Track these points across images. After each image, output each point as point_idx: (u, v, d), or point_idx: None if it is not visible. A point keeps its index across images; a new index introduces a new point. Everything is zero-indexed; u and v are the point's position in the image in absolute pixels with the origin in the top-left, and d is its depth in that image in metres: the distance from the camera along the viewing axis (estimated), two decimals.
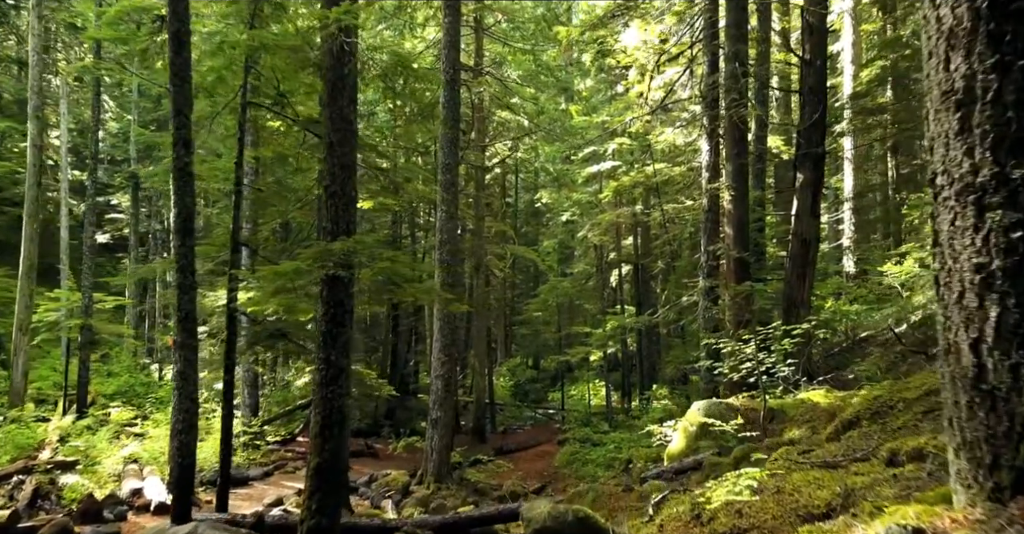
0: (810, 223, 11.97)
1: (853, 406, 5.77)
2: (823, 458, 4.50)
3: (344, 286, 6.73)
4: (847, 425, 5.57)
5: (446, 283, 14.16)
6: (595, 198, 24.88)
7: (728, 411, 8.34)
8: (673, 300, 20.75)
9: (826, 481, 3.52)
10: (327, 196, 6.91)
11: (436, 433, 14.02)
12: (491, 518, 8.02)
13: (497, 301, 35.55)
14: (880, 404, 5.46)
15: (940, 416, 4.97)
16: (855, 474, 3.55)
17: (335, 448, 6.60)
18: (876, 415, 5.38)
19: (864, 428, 5.25)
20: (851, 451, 4.47)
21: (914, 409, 5.04)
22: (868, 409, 5.52)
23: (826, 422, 7.35)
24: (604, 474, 15.06)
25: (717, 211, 13.46)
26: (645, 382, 24.96)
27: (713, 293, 12.82)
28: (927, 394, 5.14)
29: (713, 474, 6.79)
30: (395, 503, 12.81)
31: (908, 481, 3.14)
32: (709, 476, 6.87)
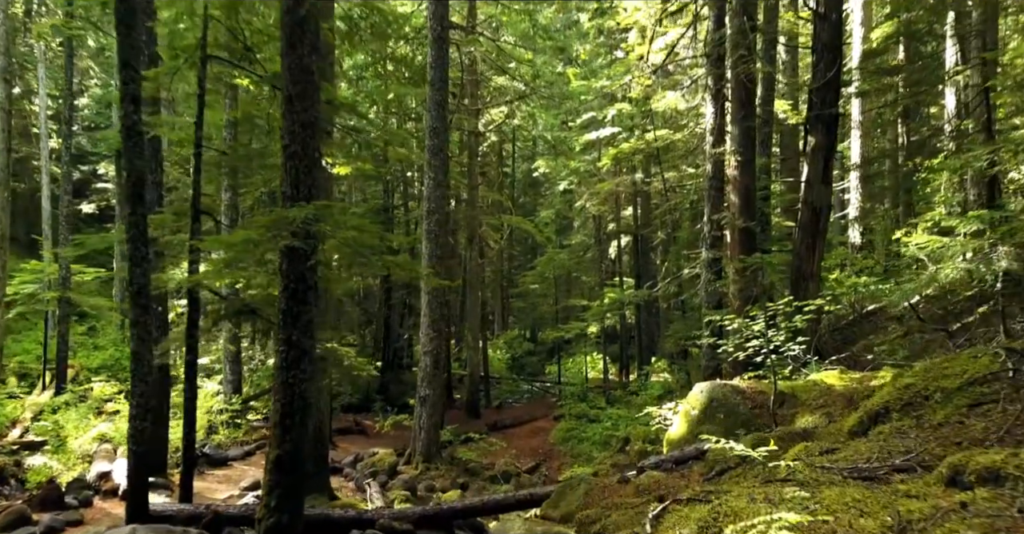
0: (821, 190, 11.17)
1: (881, 395, 5.06)
2: (854, 461, 3.79)
3: (306, 258, 5.99)
4: (874, 417, 4.87)
5: (434, 255, 13.43)
6: (594, 167, 23.99)
7: (733, 394, 7.66)
8: (674, 272, 20.04)
9: (869, 504, 2.81)
10: (286, 157, 6.12)
11: (424, 411, 13.42)
12: (475, 510, 7.39)
13: (494, 273, 34.90)
14: (913, 393, 4.75)
15: (991, 412, 4.27)
16: (906, 496, 2.84)
17: (297, 438, 5.92)
18: (909, 407, 4.67)
19: (895, 422, 4.54)
20: (886, 454, 3.77)
21: (955, 401, 4.33)
22: (899, 399, 4.81)
23: (843, 408, 6.67)
24: (600, 453, 14.51)
25: (721, 178, 12.65)
26: (644, 355, 24.36)
27: (716, 265, 12.09)
28: (970, 383, 4.42)
29: (718, 467, 6.12)
30: (381, 485, 12.22)
31: (987, 516, 2.44)
32: (713, 468, 6.21)
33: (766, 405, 7.46)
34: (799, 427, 6.46)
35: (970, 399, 4.26)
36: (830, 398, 7.06)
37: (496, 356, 30.59)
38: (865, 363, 10.21)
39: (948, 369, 4.81)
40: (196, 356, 8.12)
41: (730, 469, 6.03)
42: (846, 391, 7.09)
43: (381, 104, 23.27)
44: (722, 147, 12.20)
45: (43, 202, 24.23)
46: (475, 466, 13.99)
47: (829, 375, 7.88)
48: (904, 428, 4.31)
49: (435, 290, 13.34)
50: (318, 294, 6.27)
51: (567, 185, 26.79)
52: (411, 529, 7.17)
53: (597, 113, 22.78)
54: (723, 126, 12.33)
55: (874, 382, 7.07)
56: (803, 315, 7.72)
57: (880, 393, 5.19)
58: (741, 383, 7.91)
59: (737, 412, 7.45)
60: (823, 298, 7.84)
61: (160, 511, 7.47)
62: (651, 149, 19.52)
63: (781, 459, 4.77)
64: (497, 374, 28.37)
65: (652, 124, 20.00)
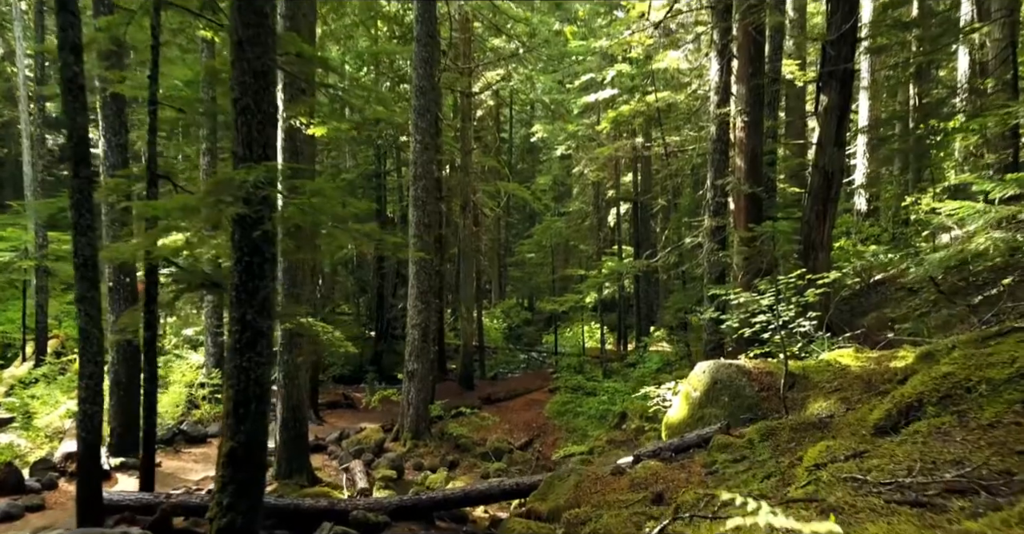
0: (834, 153, 10.39)
1: (913, 384, 4.41)
2: (891, 473, 3.14)
3: (260, 228, 5.29)
4: (905, 411, 4.22)
5: (422, 223, 12.72)
6: (592, 131, 23.11)
7: (739, 375, 7.02)
8: (674, 241, 19.33)
9: None
10: (237, 112, 5.38)
11: (413, 386, 12.85)
12: (456, 500, 6.82)
13: (491, 242, 34.16)
14: (952, 384, 4.10)
15: None
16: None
17: (253, 429, 5.29)
18: (948, 400, 4.02)
19: (932, 419, 3.89)
20: (931, 464, 3.12)
21: (1006, 396, 3.68)
22: (935, 390, 4.16)
23: (860, 392, 6.04)
24: (596, 430, 13.99)
25: (726, 141, 11.86)
26: (643, 325, 23.80)
27: (720, 234, 11.38)
28: (1022, 374, 3.76)
29: (722, 456, 5.50)
30: (366, 463, 11.71)
31: None
32: (717, 459, 5.59)
33: (774, 387, 6.84)
34: (812, 414, 5.83)
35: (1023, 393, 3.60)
36: (845, 381, 6.43)
37: (493, 326, 30.05)
38: (877, 338, 9.59)
39: (993, 356, 4.14)
40: (155, 333, 7.46)
41: (736, 461, 5.42)
42: (863, 373, 6.45)
43: (371, 65, 22.32)
44: (727, 107, 11.40)
45: (25, 168, 23.42)
46: (466, 442, 13.48)
47: (843, 354, 7.24)
48: (945, 428, 3.66)
49: (423, 260, 12.66)
50: (275, 267, 5.58)
51: (565, 150, 25.90)
52: (387, 521, 6.61)
53: (596, 74, 21.81)
54: (728, 85, 11.50)
55: (894, 363, 6.43)
56: (816, 289, 7.05)
57: (912, 382, 4.53)
58: (747, 363, 7.27)
59: (743, 395, 6.83)
60: (838, 270, 7.15)
61: (117, 500, 6.91)
62: (652, 112, 18.65)
63: (800, 463, 4.13)
64: (493, 344, 27.85)
65: (653, 85, 19.09)
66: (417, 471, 11.89)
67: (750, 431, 5.64)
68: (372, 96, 8.68)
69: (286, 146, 9.67)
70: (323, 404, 16.24)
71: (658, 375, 14.81)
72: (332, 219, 5.44)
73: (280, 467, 9.84)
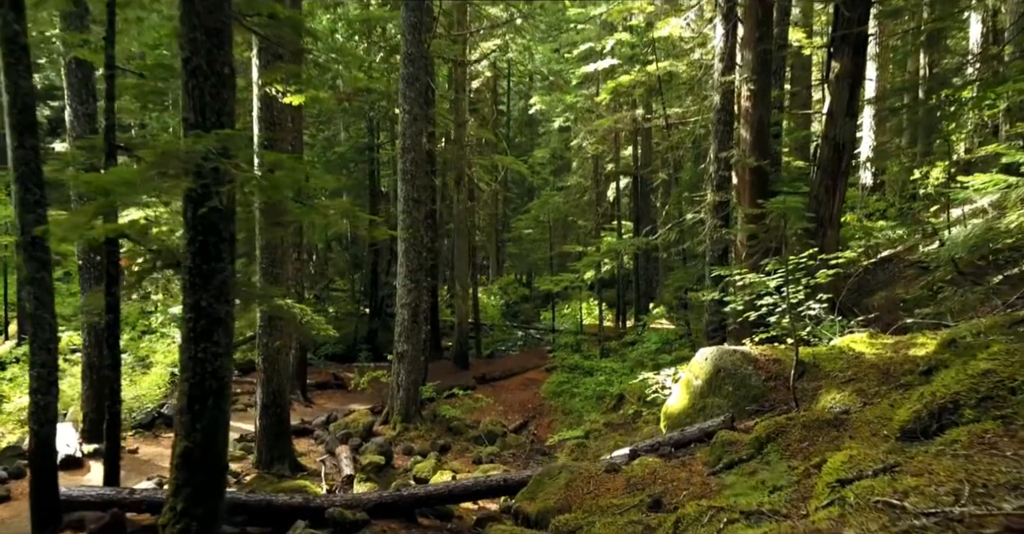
0: (845, 124, 9.81)
1: (945, 382, 3.89)
2: (934, 498, 2.63)
3: (218, 205, 4.75)
4: (937, 412, 3.71)
5: (411, 198, 12.13)
6: (591, 102, 22.38)
7: (744, 363, 6.52)
8: (675, 217, 18.76)
9: None
10: (187, 74, 4.80)
11: (403, 368, 12.38)
12: (439, 496, 6.36)
13: (488, 217, 33.54)
14: (993, 384, 3.59)
15: None
16: None
17: (211, 426, 4.80)
18: (989, 402, 3.52)
19: (972, 425, 3.38)
20: (981, 487, 2.61)
21: None
22: (973, 390, 3.65)
23: (878, 383, 5.54)
24: (593, 412, 13.56)
25: (731, 111, 11.23)
26: (642, 302, 23.31)
27: (723, 210, 10.81)
28: None
29: (726, 458, 5.02)
30: (354, 448, 11.27)
31: None
32: (721, 459, 5.10)
33: (782, 377, 6.34)
34: (826, 408, 5.34)
35: None
36: (860, 370, 5.93)
37: (490, 303, 29.58)
38: (889, 320, 9.10)
39: None
40: (118, 315, 6.93)
41: (741, 462, 4.94)
42: (879, 361, 5.95)
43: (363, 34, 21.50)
44: (732, 75, 10.76)
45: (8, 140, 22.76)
46: (458, 425, 13.05)
47: (856, 339, 6.73)
48: (990, 437, 3.15)
49: (412, 237, 12.11)
50: (234, 247, 5.04)
51: (563, 122, 25.20)
52: (366, 519, 6.15)
53: (595, 44, 21.04)
54: (734, 51, 10.84)
55: (913, 351, 5.92)
56: (828, 270, 6.52)
57: (942, 378, 4.02)
58: (753, 349, 6.76)
59: (748, 384, 6.33)
60: (852, 250, 6.60)
61: (76, 497, 6.45)
62: (652, 82, 17.95)
63: (817, 472, 3.63)
64: (490, 321, 27.41)
65: (654, 54, 18.36)
66: (407, 456, 11.47)
67: (757, 428, 5.14)
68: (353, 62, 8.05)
69: (262, 116, 9.07)
70: (312, 385, 15.81)
71: (657, 355, 14.36)
72: (297, 194, 4.88)
73: (260, 455, 9.41)
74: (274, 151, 8.78)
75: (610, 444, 11.10)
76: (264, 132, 9.01)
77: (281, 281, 9.19)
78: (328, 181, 5.43)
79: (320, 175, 24.47)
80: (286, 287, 9.46)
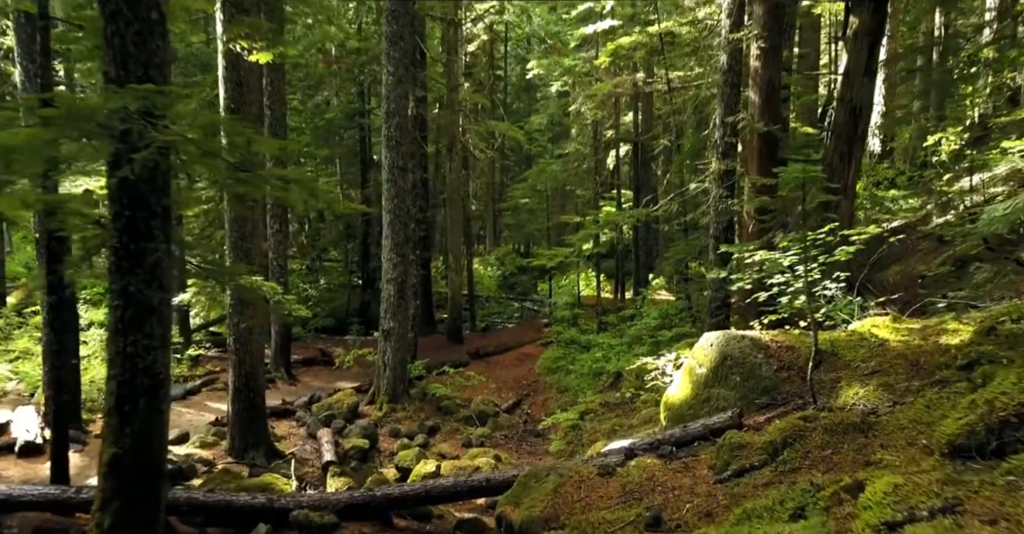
0: (863, 85, 9.03)
1: (1004, 388, 3.24)
2: None
3: (148, 175, 4.06)
4: (998, 427, 3.07)
5: (395, 166, 11.39)
6: (590, 66, 21.43)
7: (753, 350, 5.88)
8: (676, 185, 18.00)
9: None
10: (105, 19, 4.07)
11: (389, 346, 11.78)
12: (416, 497, 5.77)
13: (484, 185, 32.71)
14: None
15: None
16: None
17: (143, 430, 4.18)
18: None
19: None
20: None
21: None
22: None
23: (907, 375, 4.91)
24: (589, 391, 13.01)
25: (738, 72, 10.41)
26: (641, 273, 22.68)
27: (729, 179, 10.07)
28: None
29: (736, 464, 4.40)
30: (337, 431, 10.73)
31: None
32: (729, 464, 4.49)
33: (796, 366, 5.71)
34: (848, 405, 4.71)
35: None
36: (885, 359, 5.29)
37: (487, 273, 28.95)
38: (906, 298, 8.46)
39: None
40: (64, 295, 6.29)
41: (753, 469, 4.33)
42: (906, 349, 5.31)
43: None
44: (741, 32, 9.93)
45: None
46: (449, 404, 12.51)
47: (878, 323, 6.08)
48: None
49: (398, 208, 11.40)
50: (170, 223, 4.35)
51: (561, 86, 24.26)
52: (335, 522, 5.58)
53: (595, 3, 20.06)
54: (743, 5, 10.00)
55: (945, 338, 5.28)
56: (849, 246, 5.83)
57: (1001, 382, 3.37)
58: (763, 335, 6.11)
59: (758, 374, 5.70)
60: (877, 224, 5.89)
61: (17, 496, 5.85)
62: (654, 44, 17.03)
63: (851, 499, 3.00)
64: (487, 293, 26.80)
65: (656, 14, 17.41)
66: (393, 438, 10.94)
67: (771, 429, 4.52)
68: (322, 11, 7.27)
69: (228, 76, 8.29)
70: (298, 361, 15.24)
71: (656, 332, 13.75)
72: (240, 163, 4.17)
73: (233, 442, 8.84)
74: (240, 115, 8.04)
75: (606, 427, 10.56)
76: (231, 93, 8.24)
77: (253, 256, 8.51)
78: (273, 145, 4.83)
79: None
80: (259, 262, 8.78)
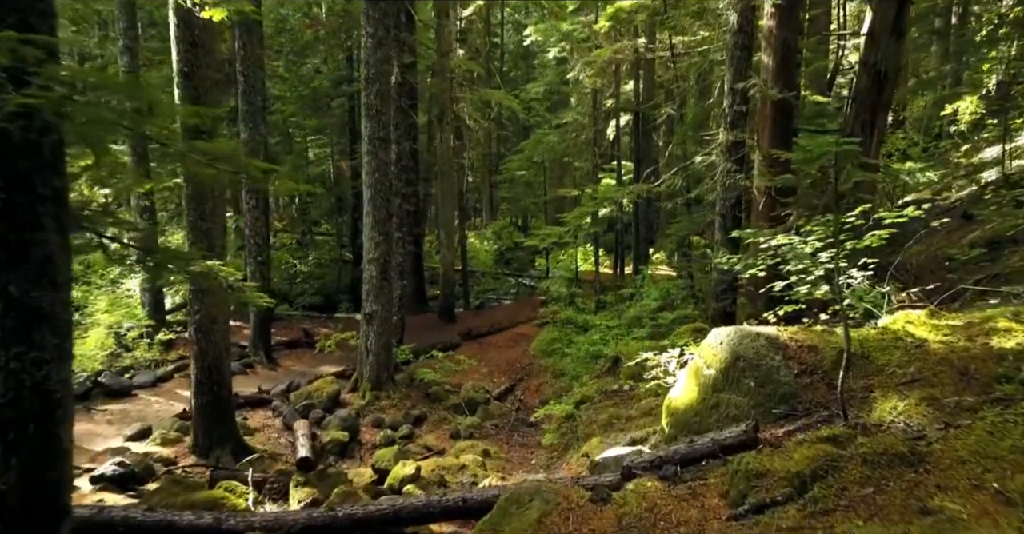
0: (890, 46, 8.12)
1: None
2: None
3: (29, 148, 3.26)
4: None
5: (376, 137, 10.53)
6: (589, 31, 20.38)
7: (769, 350, 5.11)
8: (679, 157, 17.13)
9: None
10: None
11: (372, 330, 11.04)
12: (383, 518, 5.06)
13: (480, 157, 31.73)
14: None
15: None
16: None
17: (34, 461, 3.43)
18: None
19: None
20: None
21: None
22: None
23: (956, 386, 4.16)
24: (585, 375, 12.30)
25: (750, 33, 9.53)
26: (641, 248, 21.87)
27: (738, 151, 9.24)
28: None
29: (755, 498, 3.66)
30: (315, 422, 10.06)
31: None
32: (746, 497, 3.75)
33: (820, 370, 4.95)
34: (886, 424, 3.95)
35: None
36: (925, 365, 4.52)
37: (483, 248, 28.14)
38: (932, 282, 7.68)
39: None
40: None
41: (775, 504, 3.59)
42: (951, 353, 4.54)
43: None
44: None
45: None
46: (437, 390, 11.82)
47: (912, 318, 5.31)
48: None
49: (379, 183, 10.57)
50: (64, 207, 3.55)
51: (558, 52, 23.19)
52: None
53: None
54: None
55: (996, 340, 4.51)
56: (881, 230, 5.03)
57: None
58: (781, 332, 5.32)
59: (775, 379, 4.94)
60: (914, 207, 5.08)
61: None
62: (656, 6, 16.00)
63: None
64: (482, 268, 26.03)
65: None
66: (376, 429, 10.27)
67: (797, 457, 3.76)
68: None
69: (181, 36, 7.41)
70: (280, 343, 14.53)
71: (657, 314, 13.00)
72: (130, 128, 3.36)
73: (197, 439, 8.14)
74: (196, 79, 7.19)
75: (603, 417, 9.85)
76: (183, 55, 7.37)
77: (214, 237, 7.72)
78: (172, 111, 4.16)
79: (297, 112, 22.76)
80: (221, 244, 7.99)
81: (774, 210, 8.25)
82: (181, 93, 7.35)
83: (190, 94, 7.33)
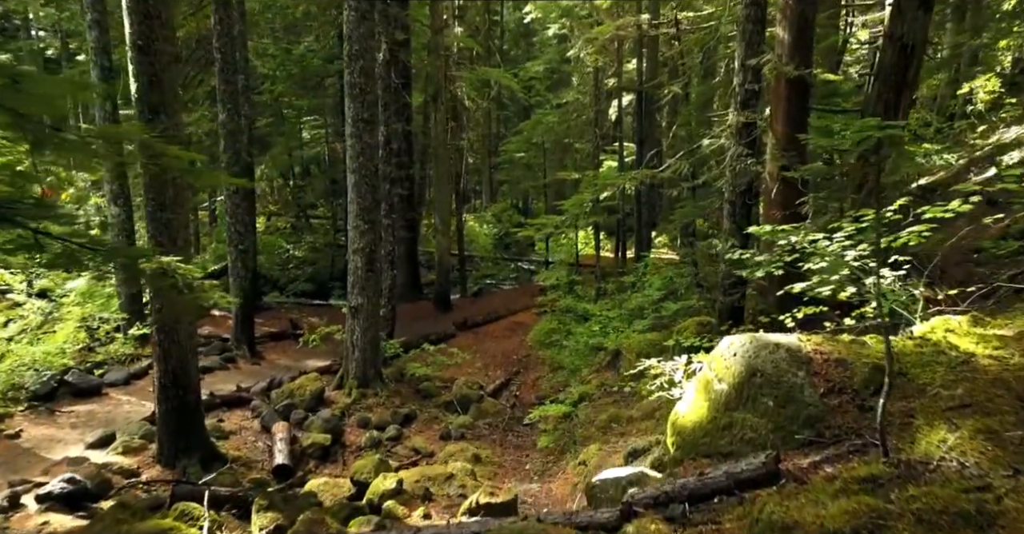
0: (918, 19, 7.38)
1: None
2: None
3: None
4: None
5: (360, 118, 9.81)
6: (590, 6, 19.54)
7: (791, 365, 4.46)
8: (683, 139, 16.38)
9: None
10: None
11: (358, 325, 10.42)
12: None
13: (479, 138, 30.92)
14: None
15: None
16: None
17: None
18: None
19: None
20: None
21: None
22: None
23: (1016, 416, 3.49)
24: (584, 368, 11.69)
25: (763, 5, 8.75)
26: (643, 232, 21.14)
27: (750, 133, 8.52)
28: None
29: None
30: (297, 423, 9.48)
31: None
32: None
33: (850, 389, 4.30)
34: (934, 462, 3.31)
35: None
36: (975, 386, 3.88)
37: (482, 231, 27.44)
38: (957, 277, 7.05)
39: None
40: None
41: None
42: (1003, 370, 3.90)
43: None
44: None
45: None
46: (428, 386, 11.24)
47: (953, 326, 4.65)
48: None
49: (364, 168, 9.87)
50: None
51: (558, 29, 22.32)
52: None
53: None
54: None
55: None
56: (921, 226, 4.38)
57: None
58: (804, 343, 4.65)
59: (798, 399, 4.29)
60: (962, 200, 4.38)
61: None
62: None
63: None
64: (481, 252, 25.36)
65: None
66: (362, 429, 9.69)
67: (833, 510, 3.11)
68: None
69: (133, 7, 6.68)
70: (265, 335, 13.91)
71: (660, 304, 12.34)
72: None
73: (162, 448, 7.54)
74: (152, 54, 6.49)
75: (603, 418, 9.24)
76: (137, 28, 6.65)
77: (175, 229, 7.05)
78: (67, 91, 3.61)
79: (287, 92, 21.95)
80: (184, 236, 7.32)
81: (788, 197, 7.57)
82: (136, 69, 6.65)
83: (145, 70, 6.63)
